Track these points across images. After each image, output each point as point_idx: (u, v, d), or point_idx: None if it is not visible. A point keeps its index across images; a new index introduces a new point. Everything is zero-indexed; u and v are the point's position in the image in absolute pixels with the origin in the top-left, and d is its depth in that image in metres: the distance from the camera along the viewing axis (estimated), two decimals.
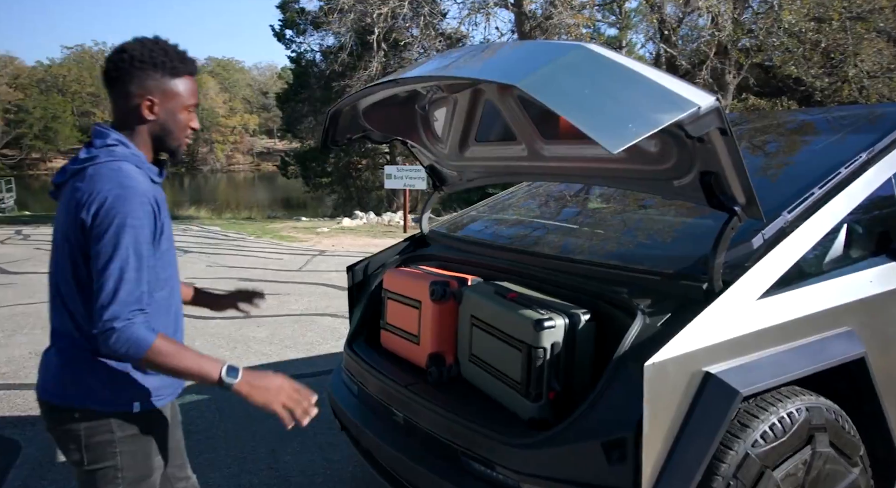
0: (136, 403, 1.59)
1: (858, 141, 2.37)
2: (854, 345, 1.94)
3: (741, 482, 1.70)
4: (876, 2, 13.44)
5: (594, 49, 1.64)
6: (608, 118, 1.49)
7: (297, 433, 3.51)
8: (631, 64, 1.62)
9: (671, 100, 1.50)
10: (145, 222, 1.48)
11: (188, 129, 1.64)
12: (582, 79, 1.58)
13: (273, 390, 1.57)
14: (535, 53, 1.78)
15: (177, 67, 1.59)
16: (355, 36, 15.60)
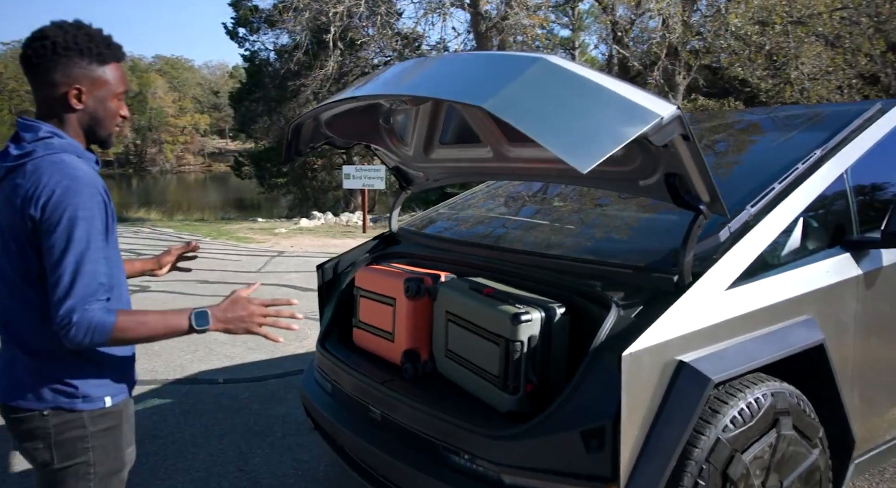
0: (108, 397, 1.57)
1: (812, 138, 2.49)
2: (814, 332, 2.03)
3: (713, 466, 1.76)
4: (814, 7, 13.99)
5: (555, 61, 1.67)
6: (575, 136, 1.51)
7: (266, 435, 3.48)
8: (592, 75, 1.65)
9: (634, 112, 1.55)
10: (96, 213, 1.46)
11: (118, 118, 1.61)
12: (545, 94, 1.61)
13: (247, 316, 1.56)
14: (497, 68, 1.78)
15: (103, 54, 1.54)
16: (311, 35, 15.44)
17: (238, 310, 1.55)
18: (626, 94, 1.60)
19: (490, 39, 15.30)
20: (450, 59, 2.10)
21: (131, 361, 1.67)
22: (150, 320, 1.48)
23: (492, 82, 1.65)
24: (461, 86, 1.79)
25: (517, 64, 1.70)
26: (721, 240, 1.97)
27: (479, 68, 1.84)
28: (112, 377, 1.59)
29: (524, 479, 1.83)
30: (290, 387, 4.17)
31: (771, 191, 2.15)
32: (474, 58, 2.05)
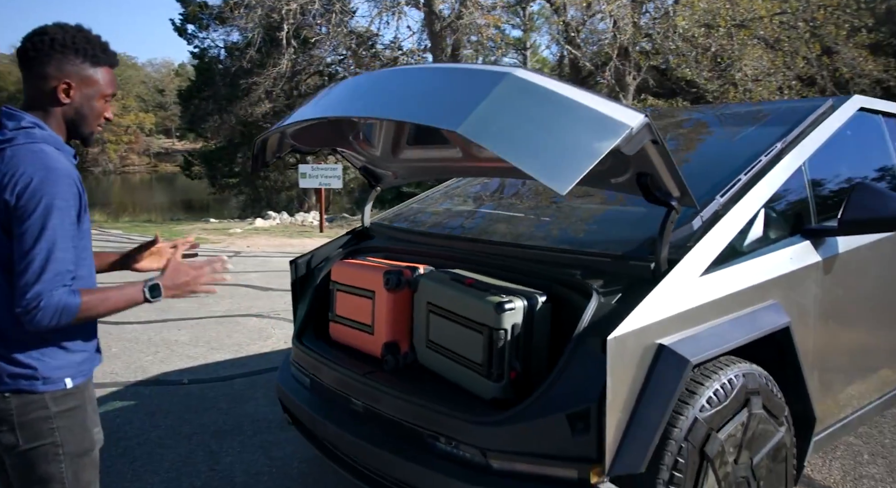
0: (68, 379, 1.60)
1: (771, 132, 2.61)
2: (780, 315, 2.14)
3: (691, 444, 1.84)
4: (756, 11, 14.53)
5: (523, 76, 1.70)
6: (550, 157, 1.55)
7: (236, 433, 3.44)
8: (560, 88, 1.69)
9: (604, 124, 1.60)
10: (71, 203, 1.51)
11: (101, 118, 1.67)
12: (517, 112, 1.63)
13: (190, 280, 1.67)
14: (466, 84, 1.79)
15: (98, 56, 1.62)
16: (263, 32, 15.21)
17: (182, 277, 1.66)
18: (595, 105, 1.64)
19: (444, 39, 15.37)
20: (417, 74, 2.09)
21: (92, 343, 1.69)
22: (111, 296, 1.55)
23: (463, 102, 1.67)
24: (433, 107, 1.79)
25: (486, 80, 1.72)
26: (694, 228, 2.06)
27: (449, 85, 1.85)
28: (72, 359, 1.61)
29: (511, 463, 1.87)
30: (257, 386, 4.13)
31: (738, 182, 2.25)
32: (443, 72, 2.04)
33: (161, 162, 61.31)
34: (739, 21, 14.51)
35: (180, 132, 45.27)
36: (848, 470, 2.96)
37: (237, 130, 20.02)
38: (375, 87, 2.09)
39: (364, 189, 20.97)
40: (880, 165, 2.95)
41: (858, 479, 2.88)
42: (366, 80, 2.24)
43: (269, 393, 3.99)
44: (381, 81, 2.15)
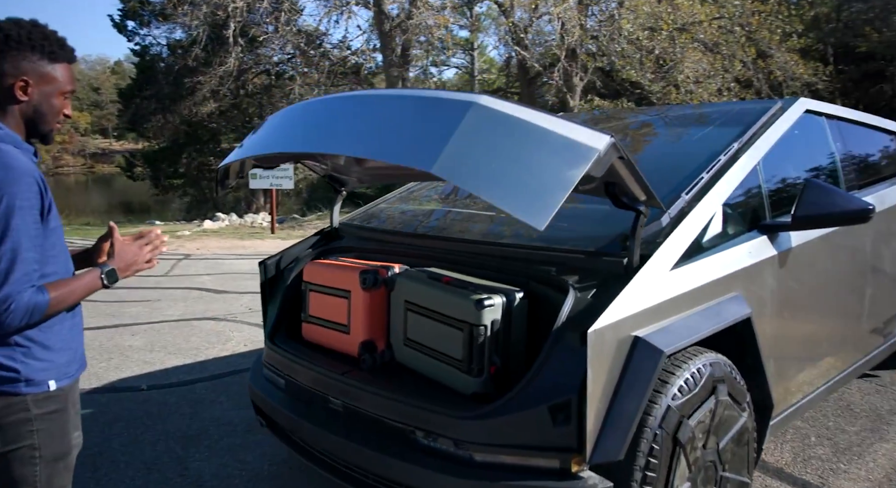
0: (52, 381, 1.59)
1: (728, 133, 2.73)
2: (742, 307, 2.25)
3: (665, 431, 1.93)
4: (696, 16, 15.02)
5: (488, 105, 1.73)
6: (524, 192, 1.59)
7: (203, 438, 3.39)
8: (525, 114, 1.73)
9: (573, 149, 1.65)
10: (34, 202, 1.50)
11: (60, 115, 1.66)
12: (486, 145, 1.67)
13: (137, 259, 1.72)
14: (432, 116, 1.80)
15: (55, 53, 1.61)
16: (209, 29, 14.86)
17: (128, 257, 1.71)
18: (561, 130, 1.69)
19: (394, 38, 15.35)
20: (380, 103, 2.05)
21: (78, 344, 1.69)
22: (74, 288, 1.57)
23: (432, 136, 1.69)
24: (403, 143, 1.80)
25: (452, 110, 1.74)
26: (663, 225, 2.15)
27: (414, 116, 1.86)
28: (56, 360, 1.60)
29: (494, 455, 1.92)
30: (220, 390, 4.07)
31: (700, 180, 2.36)
32: (406, 102, 2.00)
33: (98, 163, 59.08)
34: (681, 25, 14.96)
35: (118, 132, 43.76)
36: (797, 452, 3.13)
37: (182, 130, 19.51)
38: (338, 118, 2.06)
39: (313, 190, 20.79)
40: (825, 163, 3.13)
41: (807, 460, 3.05)
42: (325, 108, 2.20)
43: (234, 396, 3.95)
44: (343, 111, 2.10)
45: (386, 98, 2.10)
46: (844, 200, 2.42)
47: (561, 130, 1.69)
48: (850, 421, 3.45)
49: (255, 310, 6.03)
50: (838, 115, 3.31)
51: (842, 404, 3.67)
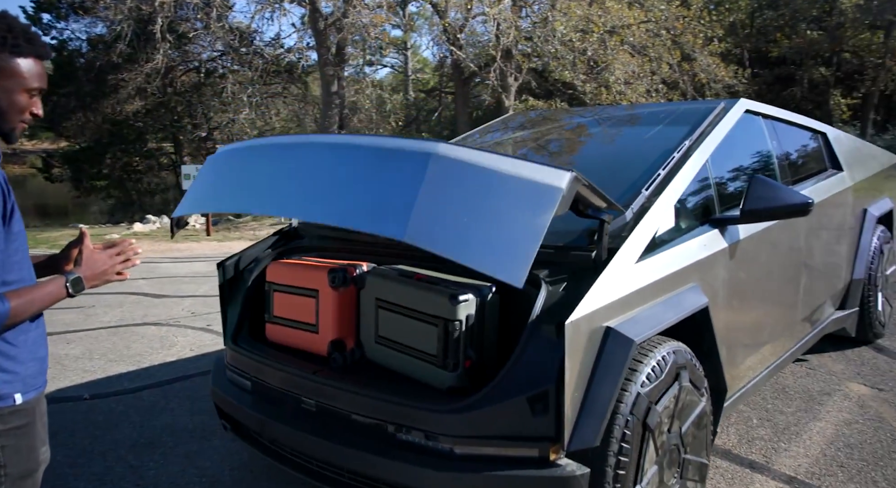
0: (18, 394, 1.51)
1: (678, 131, 2.86)
2: (700, 297, 2.37)
3: (636, 417, 2.01)
4: (625, 19, 15.53)
5: (448, 155, 1.76)
6: (498, 249, 1.64)
7: (156, 446, 3.28)
8: (485, 159, 1.76)
9: (538, 192, 1.69)
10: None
11: (25, 113, 1.56)
12: (452, 202, 1.70)
13: (108, 268, 1.66)
14: (392, 172, 1.79)
15: (20, 46, 1.51)
16: (134, 24, 14.28)
17: (98, 266, 1.63)
18: (523, 172, 1.72)
19: (329, 37, 15.19)
20: (333, 155, 1.99)
21: (43, 353, 1.61)
22: (36, 298, 1.49)
23: (394, 198, 1.71)
24: (363, 206, 1.80)
25: (411, 164, 1.76)
26: (627, 219, 2.24)
27: (370, 172, 1.84)
28: (22, 372, 1.52)
29: (474, 447, 1.96)
30: (170, 396, 3.94)
31: (658, 176, 2.46)
32: (361, 154, 1.93)
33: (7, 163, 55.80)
34: (611, 28, 15.43)
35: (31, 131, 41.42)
36: (742, 434, 3.30)
37: (105, 129, 18.69)
38: (289, 171, 2.03)
39: None
40: (764, 160, 3.32)
41: (752, 441, 3.23)
42: (273, 158, 2.13)
43: (185, 402, 3.84)
44: (293, 162, 2.05)
45: (340, 148, 2.03)
46: (788, 195, 2.57)
47: (523, 172, 1.72)
48: (786, 403, 3.66)
49: (198, 315, 5.87)
50: (773, 114, 3.52)
51: (778, 387, 3.89)
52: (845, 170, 4.08)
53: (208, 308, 6.11)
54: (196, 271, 8.11)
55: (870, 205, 4.45)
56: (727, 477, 2.87)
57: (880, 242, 4.48)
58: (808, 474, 2.89)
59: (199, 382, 4.15)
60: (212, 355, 4.70)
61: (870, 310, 4.39)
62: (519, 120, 4.09)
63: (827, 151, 4.09)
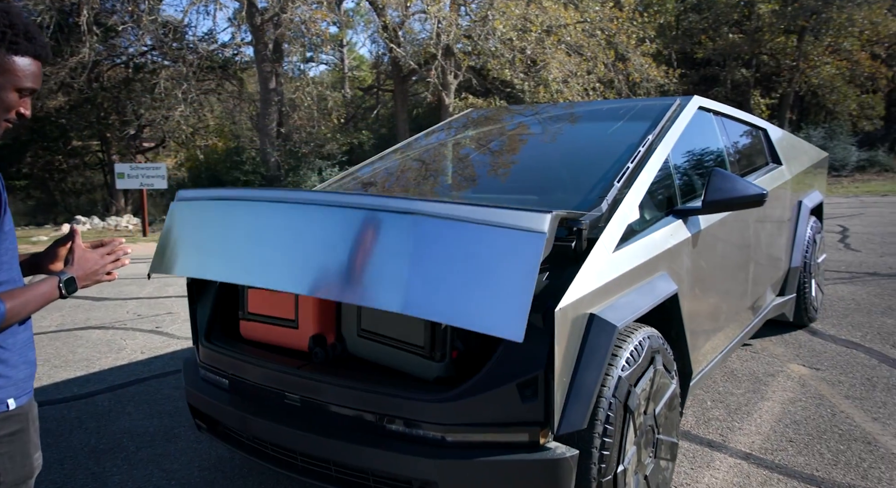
0: (11, 399, 1.46)
1: (639, 127, 2.98)
2: (670, 284, 2.48)
3: (618, 399, 2.09)
4: (563, 19, 15.89)
5: (429, 211, 1.82)
6: (495, 308, 1.71)
7: (117, 451, 3.18)
8: (462, 212, 1.83)
9: (523, 240, 1.76)
10: None
11: (11, 113, 1.50)
12: (442, 263, 1.77)
13: (100, 268, 1.62)
14: (380, 239, 1.85)
15: (19, 44, 1.46)
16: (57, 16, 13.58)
17: (90, 266, 1.59)
18: (504, 220, 1.79)
19: (266, 33, 14.89)
20: (319, 218, 2.02)
21: (32, 356, 1.56)
22: (30, 299, 1.45)
23: (389, 269, 1.79)
24: (356, 277, 1.87)
25: (398, 230, 1.82)
26: (603, 210, 2.32)
27: (360, 239, 1.89)
28: (14, 376, 1.47)
29: (465, 434, 1.99)
30: (125, 401, 3.81)
31: (627, 169, 2.56)
32: (345, 219, 1.96)
33: None
34: (548, 27, 15.74)
35: None
36: (699, 416, 3.47)
37: (25, 126, 17.70)
38: (274, 236, 2.06)
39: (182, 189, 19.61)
40: (716, 154, 3.49)
41: (708, 422, 3.39)
42: (249, 218, 2.15)
43: (143, 406, 3.72)
44: (280, 224, 2.07)
45: (321, 209, 2.03)
46: (745, 186, 2.72)
47: (506, 220, 1.79)
48: (736, 385, 3.86)
49: (145, 317, 5.68)
50: (722, 111, 3.70)
51: (727, 371, 4.09)
52: (784, 165, 4.33)
53: (155, 310, 5.92)
54: (136, 273, 7.83)
55: (804, 198, 4.73)
56: (689, 457, 3.01)
57: (813, 232, 4.77)
58: (761, 450, 3.06)
59: (155, 385, 4.03)
60: (165, 357, 4.56)
61: (805, 296, 4.68)
62: (480, 116, 4.14)
63: (767, 146, 4.33)
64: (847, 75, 22.04)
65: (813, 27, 21.82)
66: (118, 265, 1.65)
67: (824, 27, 21.57)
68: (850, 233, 9.54)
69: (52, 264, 1.73)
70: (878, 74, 22.02)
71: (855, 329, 4.83)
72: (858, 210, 12.34)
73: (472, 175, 3.10)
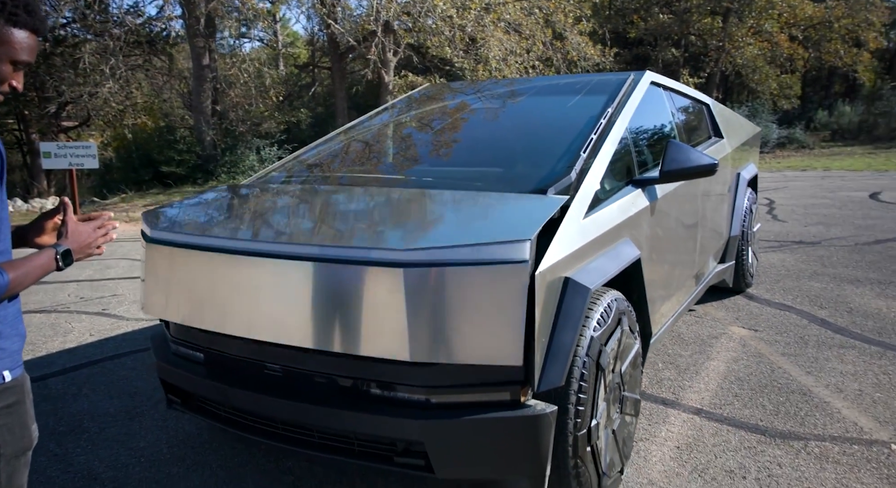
0: (6, 372, 1.46)
1: (598, 100, 3.09)
2: (633, 250, 2.60)
3: (591, 358, 2.20)
4: None
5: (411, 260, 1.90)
6: (493, 340, 1.88)
7: (78, 432, 3.11)
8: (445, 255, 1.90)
9: (505, 273, 1.88)
10: None
11: (5, 85, 1.48)
12: (431, 306, 1.88)
13: (92, 242, 1.63)
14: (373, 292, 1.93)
15: (18, 16, 1.43)
16: None
17: (84, 239, 1.60)
18: (483, 255, 1.90)
19: (197, 6, 14.35)
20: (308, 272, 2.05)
21: (23, 331, 1.55)
22: (30, 271, 1.46)
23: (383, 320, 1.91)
24: (355, 331, 1.97)
25: (388, 284, 1.90)
26: (573, 178, 2.41)
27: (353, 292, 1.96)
28: (8, 349, 1.47)
29: (449, 396, 2.06)
30: (80, 383, 3.71)
31: (591, 140, 2.66)
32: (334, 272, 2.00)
33: None
34: (487, 4, 15.77)
35: None
36: (652, 377, 3.66)
37: None
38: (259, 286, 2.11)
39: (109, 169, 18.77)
40: (667, 127, 3.64)
41: (660, 382, 3.59)
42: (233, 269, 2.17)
43: (100, 387, 3.64)
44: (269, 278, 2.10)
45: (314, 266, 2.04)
46: (698, 157, 2.87)
47: (488, 256, 1.89)
48: (683, 348, 4.08)
49: (89, 299, 5.49)
50: (671, 86, 3.85)
51: (674, 334, 4.31)
52: (725, 138, 4.55)
53: (99, 292, 5.73)
54: None
55: (742, 170, 4.99)
56: (646, 414, 3.18)
57: (750, 203, 5.05)
58: (711, 405, 3.26)
59: (110, 367, 3.94)
60: (117, 339, 4.45)
61: (743, 263, 4.96)
62: (440, 90, 4.18)
63: (710, 121, 4.54)
64: (768, 56, 23.04)
65: (737, 9, 22.64)
66: (108, 239, 1.66)
67: (747, 9, 22.41)
68: (777, 205, 10.08)
69: (38, 237, 1.70)
70: (795, 55, 23.11)
71: (786, 293, 5.16)
72: (782, 184, 13.02)
73: (438, 150, 3.15)
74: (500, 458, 2.05)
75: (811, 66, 25.63)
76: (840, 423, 3.02)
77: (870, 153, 19.43)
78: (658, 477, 2.61)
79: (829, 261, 6.16)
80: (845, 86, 27.87)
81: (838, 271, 5.79)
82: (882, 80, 24.86)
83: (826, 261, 6.17)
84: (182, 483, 2.65)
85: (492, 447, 2.03)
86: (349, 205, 2.55)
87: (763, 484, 2.54)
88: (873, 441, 2.86)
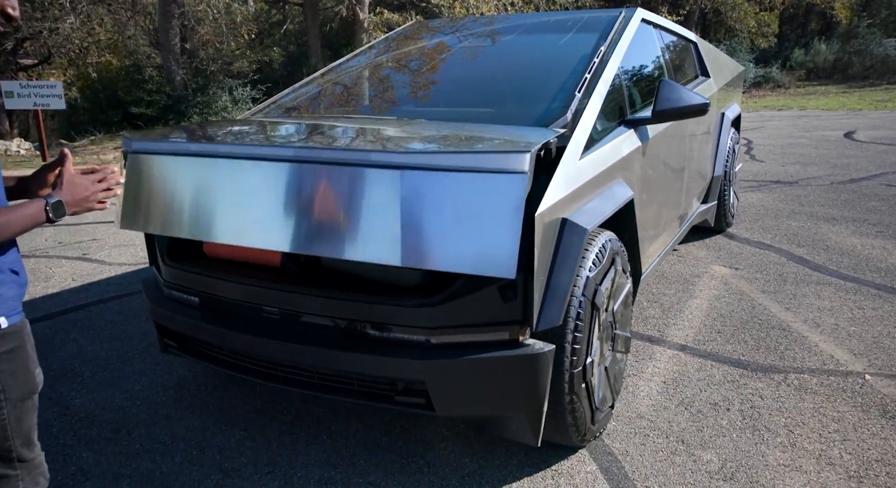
0: (3, 318, 1.46)
1: (590, 38, 3.03)
2: (626, 190, 2.61)
3: (586, 298, 2.24)
4: None
5: (409, 163, 1.85)
6: (486, 250, 1.81)
7: (71, 377, 3.11)
8: (445, 160, 1.88)
9: (504, 183, 1.82)
10: None
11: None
12: (430, 213, 1.85)
13: (90, 195, 1.57)
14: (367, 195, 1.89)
15: None
16: None
17: (80, 191, 1.54)
18: (484, 165, 1.84)
19: None
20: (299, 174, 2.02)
21: (23, 275, 1.54)
22: (13, 219, 1.41)
23: (381, 224, 1.87)
24: (349, 234, 1.92)
25: (384, 186, 1.86)
26: (568, 118, 2.39)
27: (347, 195, 1.92)
28: (2, 295, 1.45)
29: (448, 336, 2.09)
30: (68, 328, 3.69)
31: (585, 79, 2.62)
32: (328, 174, 1.99)
33: None
34: None
35: None
36: (637, 316, 3.74)
37: None
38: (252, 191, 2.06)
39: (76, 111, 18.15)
40: (658, 65, 3.60)
41: (646, 320, 3.67)
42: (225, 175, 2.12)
43: (87, 331, 3.62)
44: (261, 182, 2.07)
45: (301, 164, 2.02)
46: (690, 96, 2.85)
47: (488, 164, 1.84)
48: (667, 287, 4.17)
49: (67, 244, 5.40)
50: (660, 23, 3.79)
51: (658, 274, 4.40)
52: (711, 77, 4.53)
53: (77, 236, 5.63)
54: None
55: (726, 110, 4.99)
56: (632, 351, 3.27)
57: (733, 143, 5.07)
58: (695, 341, 3.36)
59: (96, 311, 3.91)
60: (101, 284, 4.41)
61: (725, 203, 5.02)
62: (427, 28, 4.06)
63: (697, 59, 4.50)
64: None
65: None
66: (110, 194, 1.60)
67: None
68: (755, 145, 10.15)
69: (42, 189, 1.67)
70: None
71: (765, 232, 5.26)
72: (759, 124, 13.08)
73: (428, 91, 3.08)
74: (499, 396, 2.10)
75: (789, 3, 25.36)
76: (817, 356, 3.14)
77: (843, 92, 19.54)
78: (646, 411, 2.70)
79: (806, 201, 6.27)
80: (822, 23, 27.68)
81: (815, 210, 5.90)
82: (859, 17, 24.73)
83: (803, 200, 6.28)
84: (181, 423, 2.68)
85: (491, 385, 2.08)
86: (343, 131, 2.51)
87: (746, 416, 2.65)
88: (848, 372, 2.98)
